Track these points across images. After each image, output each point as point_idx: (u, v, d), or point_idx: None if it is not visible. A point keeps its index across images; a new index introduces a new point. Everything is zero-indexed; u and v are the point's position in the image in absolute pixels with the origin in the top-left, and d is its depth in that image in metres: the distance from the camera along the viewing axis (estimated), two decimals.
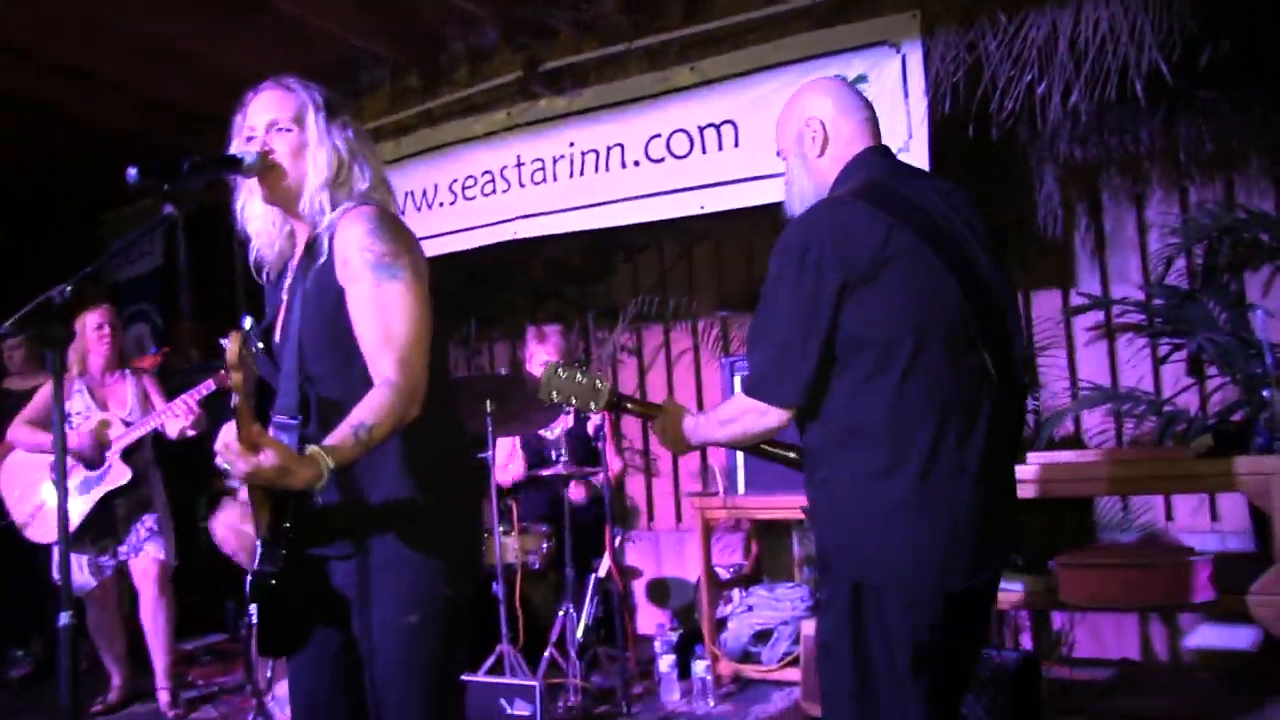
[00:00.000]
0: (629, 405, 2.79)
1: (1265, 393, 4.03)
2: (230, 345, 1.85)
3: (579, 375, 2.75)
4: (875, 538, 2.26)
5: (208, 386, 4.76)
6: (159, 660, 5.11)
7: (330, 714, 2.34)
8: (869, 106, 2.54)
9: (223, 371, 4.68)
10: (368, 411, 2.00)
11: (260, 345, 2.30)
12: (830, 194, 2.41)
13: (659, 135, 5.23)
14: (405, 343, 2.10)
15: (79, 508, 4.82)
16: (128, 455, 4.93)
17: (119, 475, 4.89)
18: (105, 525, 4.98)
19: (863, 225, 2.25)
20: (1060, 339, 5.41)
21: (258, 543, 2.12)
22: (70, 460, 4.88)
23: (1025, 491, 4.04)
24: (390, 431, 2.03)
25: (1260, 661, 4.28)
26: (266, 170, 2.25)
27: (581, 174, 5.43)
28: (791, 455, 2.55)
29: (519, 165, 5.64)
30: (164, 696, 5.11)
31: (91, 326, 5.08)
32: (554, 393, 2.77)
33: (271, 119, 2.28)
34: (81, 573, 4.87)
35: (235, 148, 2.29)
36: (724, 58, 5.07)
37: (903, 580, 2.26)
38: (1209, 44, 4.27)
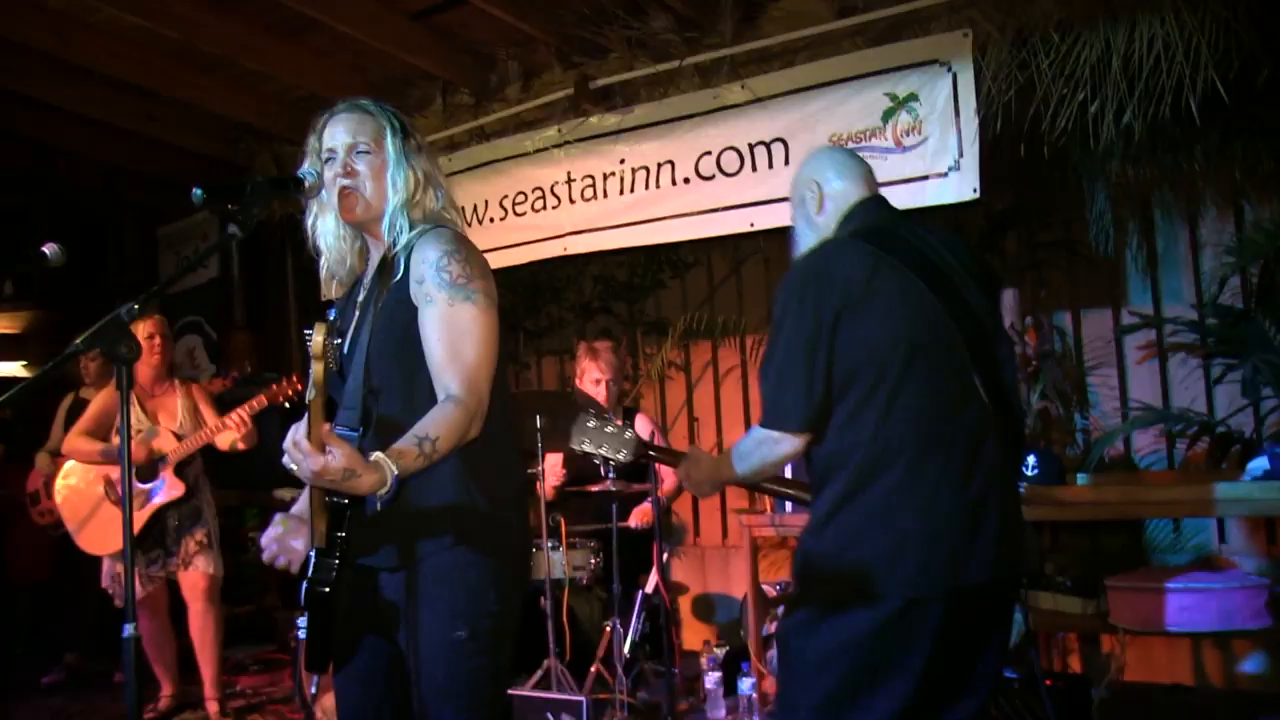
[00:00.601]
0: (654, 453, 2.94)
1: None
2: (315, 335, 1.91)
3: (608, 426, 2.89)
4: (846, 551, 2.34)
5: (260, 401, 4.80)
6: (207, 670, 5.18)
7: None
8: (865, 164, 2.71)
9: (275, 386, 4.73)
10: (433, 425, 2.05)
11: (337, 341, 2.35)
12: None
13: (709, 152, 5.25)
14: (473, 363, 2.16)
15: (134, 522, 4.88)
16: (180, 469, 4.98)
17: (173, 489, 4.94)
18: (156, 537, 5.04)
19: (853, 258, 2.41)
20: (1111, 358, 5.37)
21: (311, 552, 2.16)
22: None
23: (1075, 514, 4.02)
24: (452, 448, 2.07)
25: None
26: (344, 192, 2.30)
27: (632, 190, 5.46)
28: (807, 496, 2.57)
29: (569, 181, 5.68)
30: (213, 706, 5.18)
31: (143, 337, 5.09)
32: (584, 441, 2.90)
33: (352, 142, 2.33)
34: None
35: (307, 166, 2.33)
36: (775, 75, 5.08)
37: (866, 585, 2.30)
38: (1266, 61, 4.22)
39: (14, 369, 9.11)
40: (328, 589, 2.12)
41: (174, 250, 8.24)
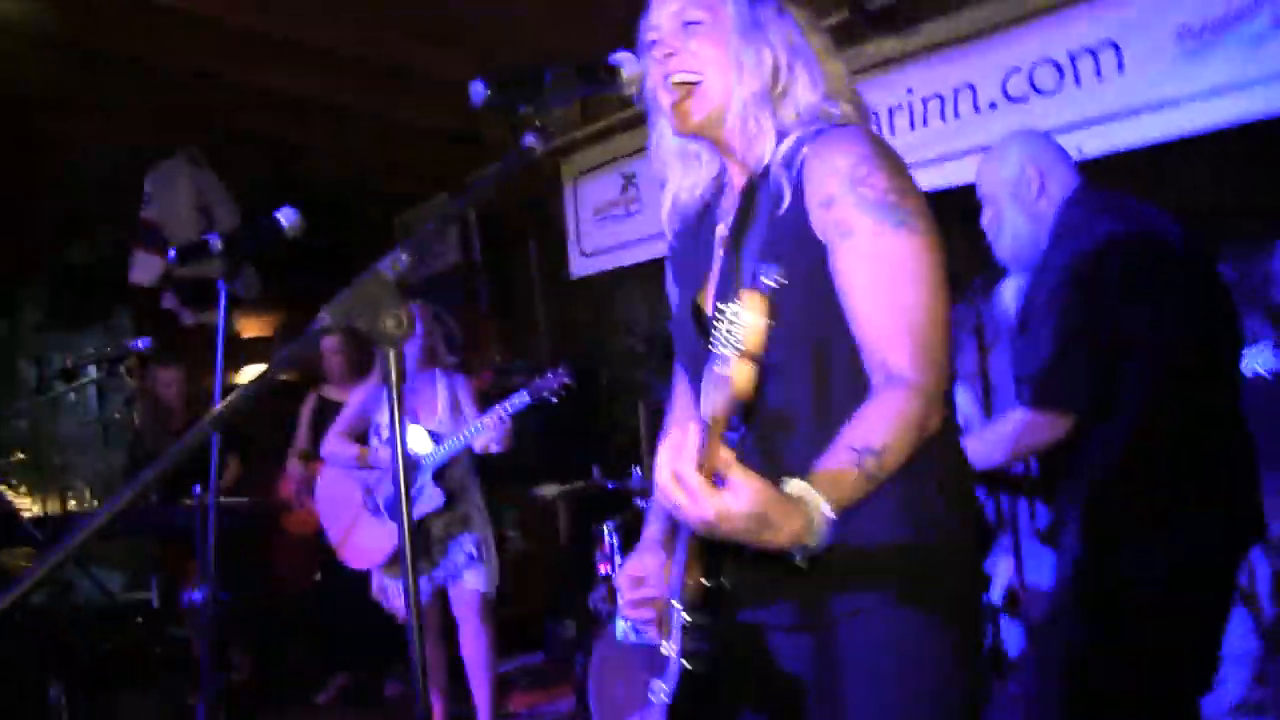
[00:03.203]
0: None
1: None
2: (748, 314, 1.16)
3: None
4: None
5: (522, 398, 4.25)
6: (480, 693, 4.63)
7: None
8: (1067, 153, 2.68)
9: (540, 379, 4.20)
10: (877, 427, 1.36)
11: (692, 323, 1.69)
12: (1057, 230, 2.54)
13: (1018, 69, 4.43)
14: (924, 320, 1.44)
15: (392, 535, 4.39)
16: (439, 473, 4.46)
17: (431, 499, 4.39)
18: (420, 547, 4.51)
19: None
20: None
21: (675, 604, 1.48)
22: (377, 476, 4.49)
23: None
24: (906, 457, 1.37)
25: None
26: (671, 87, 1.62)
27: (925, 124, 4.69)
28: None
29: None
30: None
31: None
32: None
33: (678, 9, 1.63)
34: (397, 598, 4.46)
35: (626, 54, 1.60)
36: None
37: None
38: None
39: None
40: (709, 662, 1.42)
41: (411, 238, 7.87)
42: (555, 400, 4.20)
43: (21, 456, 10.76)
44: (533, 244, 7.17)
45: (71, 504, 9.62)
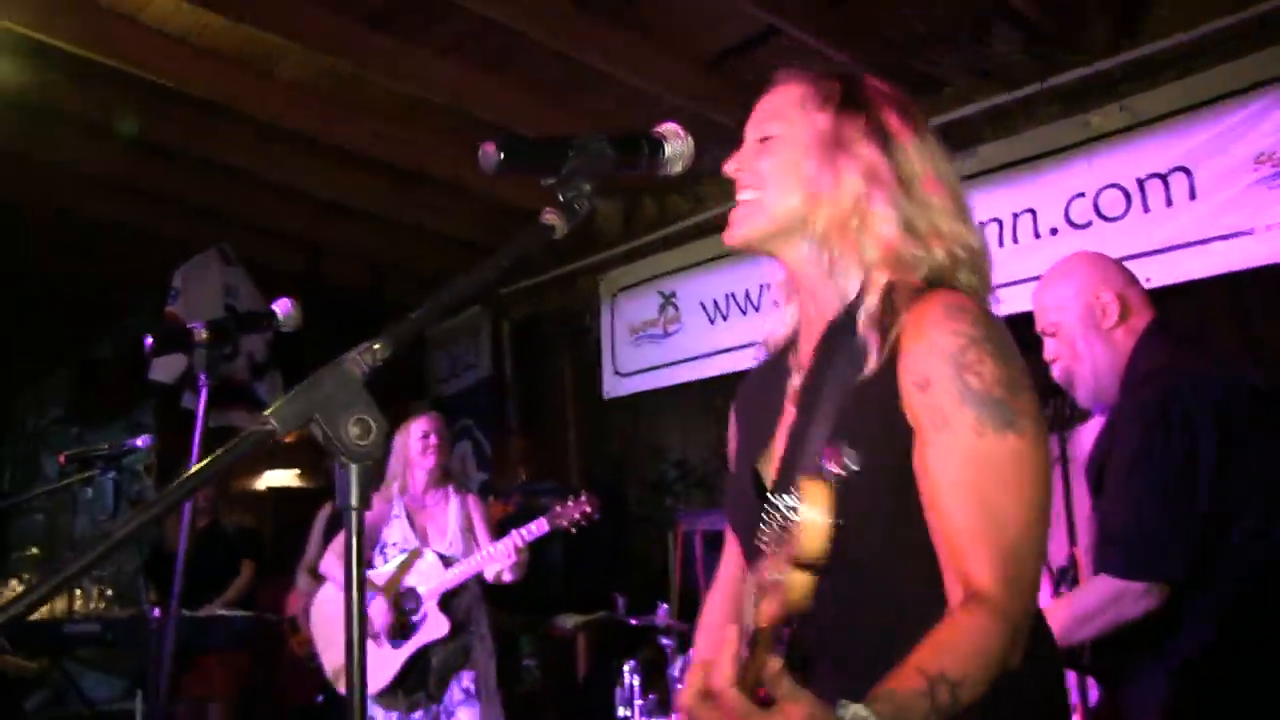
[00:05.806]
0: None
1: None
2: (808, 511, 0.97)
3: None
4: None
5: (540, 527, 4.01)
6: None
7: None
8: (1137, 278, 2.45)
9: (559, 508, 3.96)
10: (953, 653, 1.13)
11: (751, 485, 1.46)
12: (1130, 372, 2.26)
13: (1082, 194, 4.23)
14: (1017, 536, 1.23)
15: (391, 662, 4.07)
16: (447, 600, 4.15)
17: (435, 628, 4.09)
18: (421, 677, 4.18)
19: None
20: None
21: None
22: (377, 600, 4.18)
23: None
24: (982, 690, 1.14)
25: None
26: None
27: None
28: None
29: None
30: None
31: (416, 436, 4.31)
32: None
33: (757, 120, 1.48)
34: None
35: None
36: (1166, 90, 4.06)
37: None
38: None
39: (286, 478, 8.80)
40: None
41: (444, 350, 7.72)
42: (575, 531, 3.94)
43: (35, 551, 10.59)
44: (566, 361, 6.96)
45: (78, 604, 9.38)
